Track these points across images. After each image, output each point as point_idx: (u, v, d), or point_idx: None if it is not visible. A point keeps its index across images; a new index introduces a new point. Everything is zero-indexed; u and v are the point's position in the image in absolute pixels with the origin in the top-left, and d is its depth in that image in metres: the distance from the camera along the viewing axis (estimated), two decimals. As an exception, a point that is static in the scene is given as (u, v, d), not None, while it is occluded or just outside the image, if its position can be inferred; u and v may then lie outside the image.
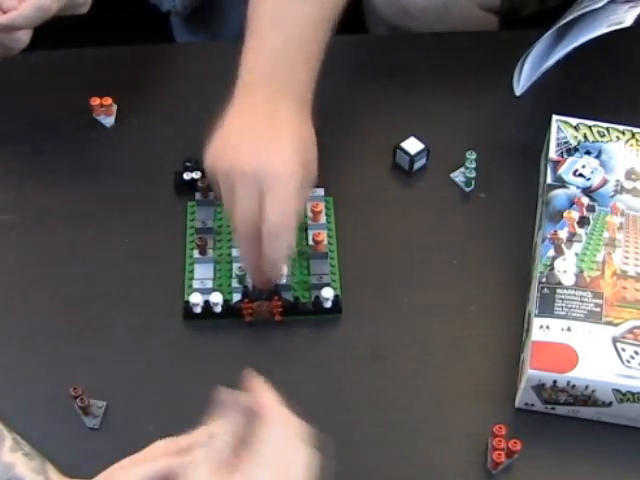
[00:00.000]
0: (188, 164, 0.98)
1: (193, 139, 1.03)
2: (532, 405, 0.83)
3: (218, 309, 0.88)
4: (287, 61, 0.86)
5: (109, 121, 1.03)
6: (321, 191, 0.97)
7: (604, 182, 0.91)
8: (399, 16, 1.26)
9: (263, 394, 0.65)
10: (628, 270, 0.85)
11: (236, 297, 0.89)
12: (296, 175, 0.81)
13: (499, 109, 1.05)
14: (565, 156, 0.93)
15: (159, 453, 0.66)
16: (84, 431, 0.82)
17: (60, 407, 0.83)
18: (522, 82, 0.96)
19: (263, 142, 0.82)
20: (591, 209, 0.89)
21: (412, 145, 0.99)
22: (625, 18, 0.90)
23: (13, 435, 0.73)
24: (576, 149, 0.94)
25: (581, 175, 0.92)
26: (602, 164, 0.92)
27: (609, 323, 0.82)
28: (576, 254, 0.86)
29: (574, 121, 0.96)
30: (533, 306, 0.84)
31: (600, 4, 0.90)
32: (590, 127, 0.95)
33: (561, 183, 0.91)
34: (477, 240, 0.95)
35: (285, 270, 0.88)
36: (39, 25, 0.92)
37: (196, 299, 0.88)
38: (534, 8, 1.37)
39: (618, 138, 0.94)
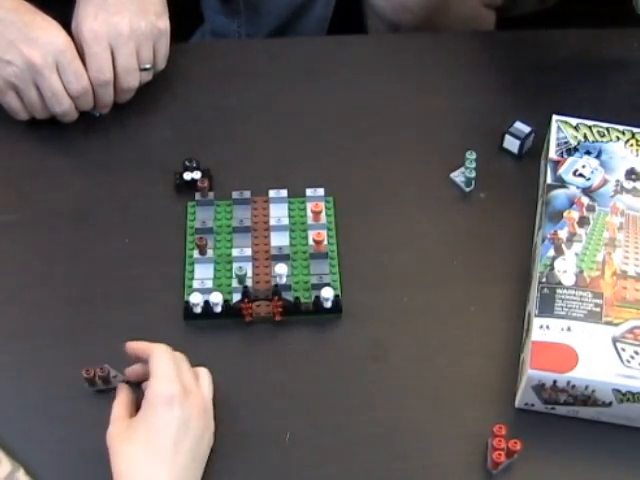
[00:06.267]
0: (188, 164, 0.98)
1: (193, 139, 1.03)
2: (532, 405, 0.83)
3: (218, 309, 0.88)
4: None
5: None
6: (321, 191, 0.97)
7: (604, 182, 0.91)
8: (398, 11, 1.26)
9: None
10: (628, 270, 0.85)
11: (236, 297, 0.89)
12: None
13: (499, 109, 1.05)
14: (565, 156, 0.93)
15: None
16: (84, 431, 0.82)
17: (60, 407, 0.84)
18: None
19: None
20: (591, 209, 0.89)
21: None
22: None
23: None
24: (576, 149, 0.94)
25: (581, 175, 0.92)
26: (602, 164, 0.92)
27: (609, 323, 0.82)
28: (576, 254, 0.86)
29: (574, 121, 0.96)
30: (533, 306, 0.84)
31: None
32: (590, 127, 0.95)
33: (561, 183, 0.91)
34: (477, 240, 0.95)
35: (285, 270, 0.89)
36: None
37: (196, 299, 0.88)
38: (534, 4, 1.37)
39: (618, 138, 0.94)
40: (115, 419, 0.79)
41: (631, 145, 0.94)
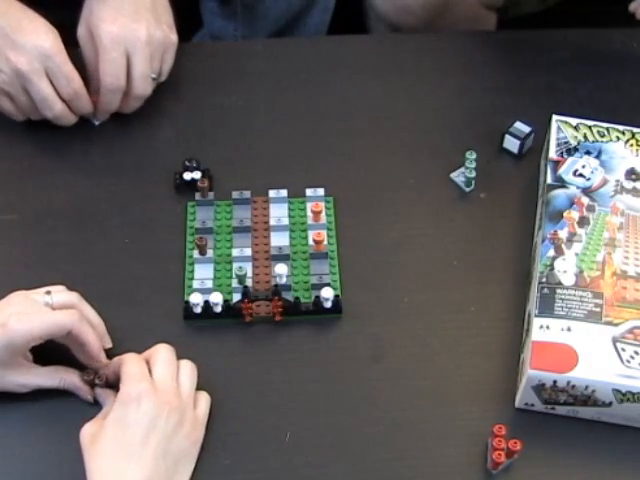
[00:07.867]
0: (188, 164, 0.98)
1: (193, 139, 1.03)
2: (532, 405, 0.83)
3: (218, 309, 0.88)
4: None
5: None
6: (321, 191, 0.97)
7: (604, 182, 0.91)
8: (399, 13, 1.26)
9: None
10: (628, 270, 0.85)
11: (236, 297, 0.89)
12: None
13: (499, 109, 1.05)
14: (565, 156, 0.93)
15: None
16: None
17: (60, 407, 0.83)
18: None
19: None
20: (591, 209, 0.89)
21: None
22: None
23: None
24: (576, 149, 0.94)
25: (581, 175, 0.92)
26: (602, 164, 0.92)
27: (609, 323, 0.82)
28: (576, 254, 0.86)
29: (574, 121, 0.96)
30: (533, 306, 0.84)
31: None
32: (590, 127, 0.95)
33: (561, 183, 0.91)
34: (477, 240, 0.95)
35: (285, 270, 0.89)
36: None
37: (196, 299, 0.88)
38: (534, 5, 1.37)
39: (618, 138, 0.94)
40: (93, 420, 0.79)
41: (631, 145, 0.94)
